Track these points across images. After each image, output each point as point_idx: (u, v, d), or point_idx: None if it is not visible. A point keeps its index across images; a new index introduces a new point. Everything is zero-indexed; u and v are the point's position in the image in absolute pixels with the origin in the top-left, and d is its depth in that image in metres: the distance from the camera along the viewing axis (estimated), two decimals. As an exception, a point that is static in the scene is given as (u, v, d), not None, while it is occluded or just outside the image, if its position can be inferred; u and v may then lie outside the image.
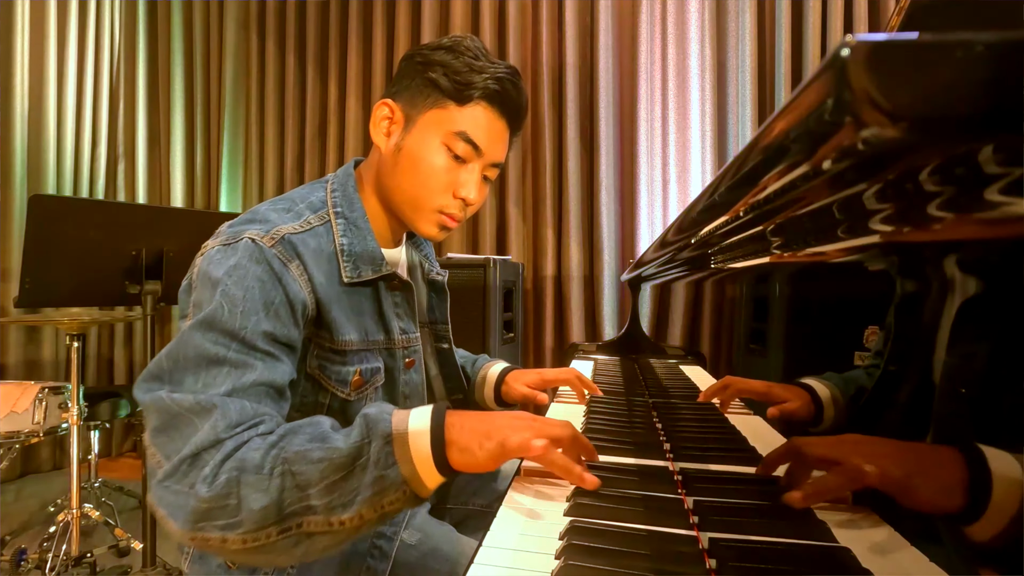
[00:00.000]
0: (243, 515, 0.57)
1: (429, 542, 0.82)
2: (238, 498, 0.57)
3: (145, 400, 0.64)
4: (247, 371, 0.65)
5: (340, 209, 0.81)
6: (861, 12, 2.14)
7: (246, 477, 0.58)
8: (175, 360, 0.65)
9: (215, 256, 0.71)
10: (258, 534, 0.57)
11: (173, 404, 0.62)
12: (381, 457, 0.57)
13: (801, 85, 0.32)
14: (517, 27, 2.51)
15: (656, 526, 0.52)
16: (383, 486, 0.57)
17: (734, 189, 0.53)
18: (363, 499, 0.57)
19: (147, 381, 0.65)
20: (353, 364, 0.79)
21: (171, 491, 0.59)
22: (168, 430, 0.62)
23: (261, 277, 0.69)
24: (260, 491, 0.57)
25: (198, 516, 0.57)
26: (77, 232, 1.47)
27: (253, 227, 0.73)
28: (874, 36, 0.26)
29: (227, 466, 0.58)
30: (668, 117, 2.36)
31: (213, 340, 0.65)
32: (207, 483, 0.58)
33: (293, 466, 0.57)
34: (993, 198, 0.30)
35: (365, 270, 0.80)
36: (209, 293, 0.68)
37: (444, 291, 1.04)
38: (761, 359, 0.80)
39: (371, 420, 0.60)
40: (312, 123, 2.86)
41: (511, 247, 2.51)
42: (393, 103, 0.82)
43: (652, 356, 1.49)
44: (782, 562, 0.44)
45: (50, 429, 1.93)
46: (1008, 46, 0.25)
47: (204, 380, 0.64)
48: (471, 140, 0.80)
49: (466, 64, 0.79)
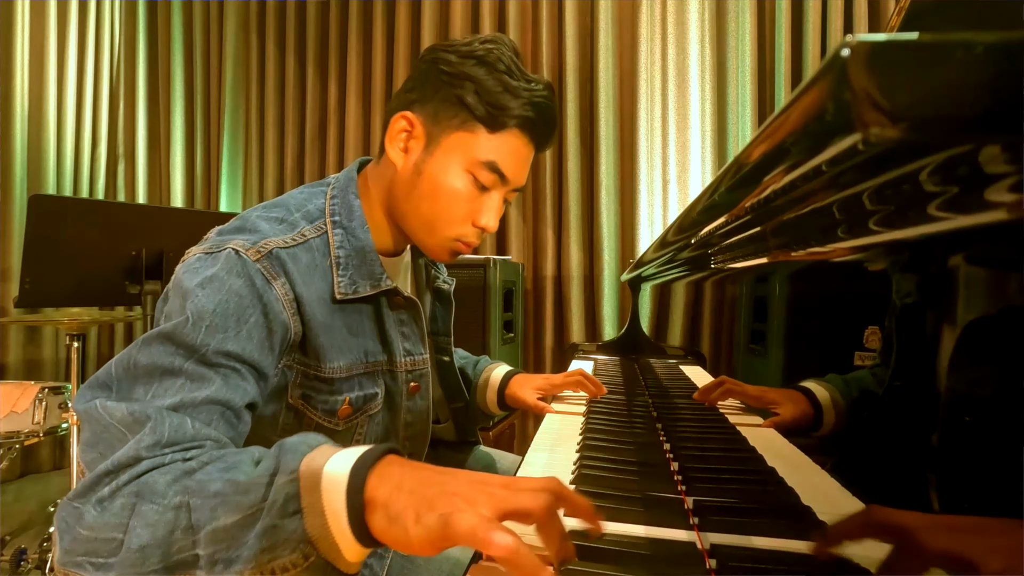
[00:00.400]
0: (121, 554, 0.46)
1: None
2: (125, 531, 0.47)
3: (79, 409, 0.56)
4: (202, 385, 0.57)
5: (338, 218, 0.74)
6: (861, 12, 2.14)
7: (141, 507, 0.47)
8: (126, 368, 0.58)
9: (193, 264, 0.65)
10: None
11: (105, 415, 0.54)
12: (280, 500, 0.43)
13: (801, 85, 0.32)
14: (517, 27, 2.51)
15: (656, 526, 0.52)
16: (275, 540, 0.42)
17: (734, 189, 0.53)
18: (249, 556, 0.43)
19: (91, 389, 0.58)
20: (343, 392, 0.73)
21: (69, 509, 0.50)
22: (97, 444, 0.53)
23: (239, 292, 0.63)
24: (149, 526, 0.46)
25: (77, 545, 0.48)
26: (77, 232, 1.47)
27: (240, 237, 0.67)
28: (874, 36, 0.26)
29: (127, 489, 0.49)
30: (668, 117, 2.36)
31: (171, 352, 0.58)
32: (100, 505, 0.48)
33: (192, 498, 0.46)
34: (993, 198, 0.30)
35: (363, 285, 0.73)
36: (179, 304, 0.61)
37: (450, 301, 0.97)
38: (761, 359, 0.80)
39: (284, 450, 0.46)
40: (312, 123, 2.86)
41: (511, 247, 2.51)
42: (414, 116, 0.74)
43: (652, 356, 1.49)
44: (782, 562, 0.44)
45: (50, 429, 1.93)
46: (1008, 46, 0.25)
47: (155, 392, 0.56)
48: (499, 170, 0.73)
49: (501, 83, 0.70)
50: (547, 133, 0.76)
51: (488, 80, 0.70)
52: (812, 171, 0.41)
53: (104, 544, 0.47)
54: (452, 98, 0.71)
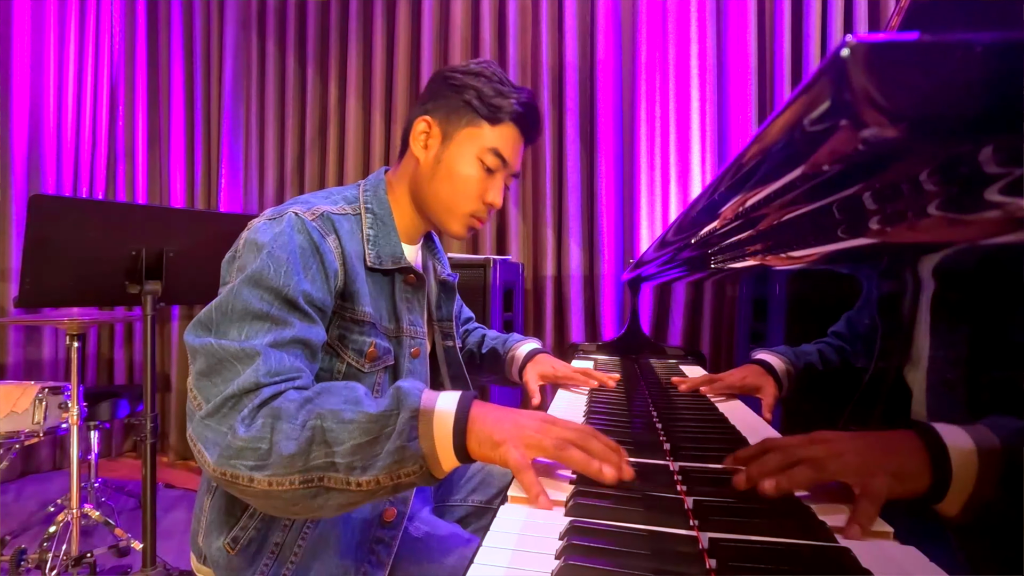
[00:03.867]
0: (272, 459, 0.62)
1: (434, 537, 0.84)
2: (270, 443, 0.62)
3: (194, 344, 0.70)
4: (286, 327, 0.72)
5: (370, 206, 0.91)
6: (861, 12, 2.14)
7: (279, 424, 0.63)
8: (223, 312, 0.71)
9: (261, 227, 0.79)
10: (282, 479, 0.62)
11: (220, 349, 0.68)
12: (406, 429, 0.62)
13: (801, 85, 0.32)
14: (517, 27, 2.51)
15: (656, 526, 0.52)
16: (403, 456, 0.61)
17: (734, 189, 0.53)
18: (383, 465, 0.61)
19: (196, 328, 0.72)
20: (370, 336, 0.85)
21: (210, 428, 0.65)
22: (211, 374, 0.68)
23: (302, 245, 0.78)
24: (291, 439, 0.62)
25: (232, 453, 0.63)
26: (77, 232, 1.47)
27: (296, 205, 0.83)
28: (874, 36, 0.26)
29: (264, 411, 0.64)
30: (668, 117, 2.36)
31: (259, 296, 0.72)
32: (245, 424, 0.64)
33: (324, 422, 0.63)
34: (993, 198, 0.30)
35: (386, 260, 0.88)
36: (254, 255, 0.75)
37: (453, 291, 1.10)
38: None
39: (403, 393, 0.65)
40: (312, 123, 2.86)
41: (511, 247, 2.51)
42: (431, 119, 0.92)
43: (652, 356, 1.49)
44: (782, 562, 0.44)
45: (50, 429, 1.93)
46: (1008, 46, 0.25)
47: (247, 332, 0.70)
48: (501, 155, 0.91)
49: (494, 89, 0.90)
50: (534, 126, 0.95)
51: (486, 88, 0.90)
52: (812, 171, 0.41)
53: (253, 452, 0.62)
54: (460, 103, 0.91)
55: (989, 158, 0.29)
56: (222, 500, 0.83)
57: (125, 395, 2.34)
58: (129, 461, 3.05)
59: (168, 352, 3.03)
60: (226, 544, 0.80)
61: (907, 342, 0.45)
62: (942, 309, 0.41)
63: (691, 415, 0.91)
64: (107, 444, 3.07)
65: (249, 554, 0.80)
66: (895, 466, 0.44)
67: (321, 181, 2.84)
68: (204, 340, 0.70)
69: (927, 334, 0.43)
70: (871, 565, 0.42)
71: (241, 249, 0.79)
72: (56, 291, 1.50)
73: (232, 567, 0.80)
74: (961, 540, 0.38)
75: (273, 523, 0.81)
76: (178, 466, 2.92)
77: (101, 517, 1.98)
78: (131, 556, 2.01)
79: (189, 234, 1.62)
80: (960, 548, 0.38)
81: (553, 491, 0.60)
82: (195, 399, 0.68)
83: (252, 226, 0.82)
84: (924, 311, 0.43)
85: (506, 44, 2.52)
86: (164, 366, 3.04)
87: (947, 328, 0.40)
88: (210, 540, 0.82)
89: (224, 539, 0.81)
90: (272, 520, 0.81)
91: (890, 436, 0.45)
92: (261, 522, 0.81)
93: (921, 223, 0.40)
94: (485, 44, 2.54)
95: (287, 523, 0.81)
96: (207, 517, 0.84)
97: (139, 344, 3.11)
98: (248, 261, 0.75)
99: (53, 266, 1.45)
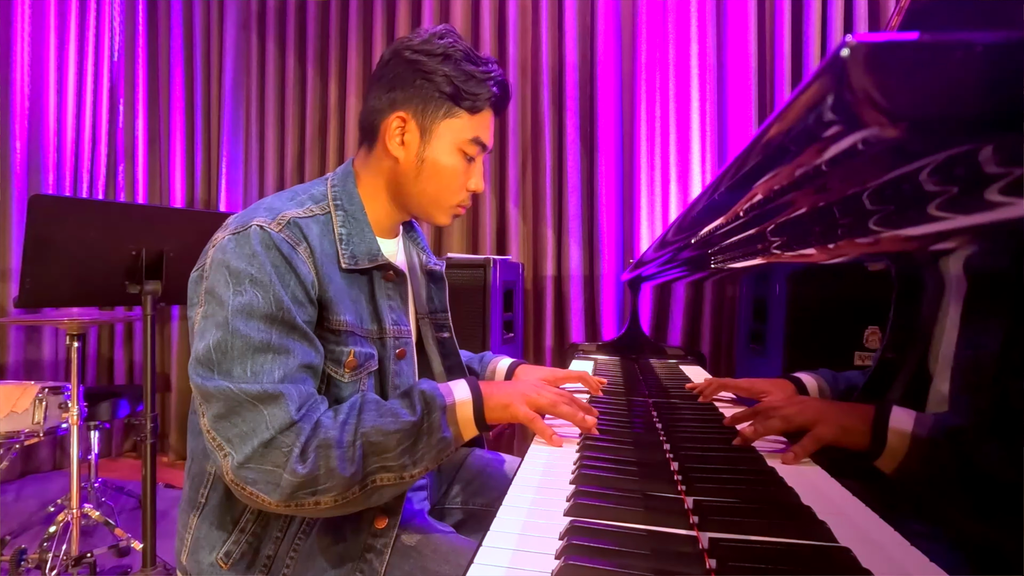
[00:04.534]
0: (333, 482, 0.69)
1: (429, 543, 0.82)
2: (327, 469, 0.69)
3: (207, 388, 0.70)
4: (289, 357, 0.73)
5: (340, 202, 0.86)
6: (861, 12, 2.14)
7: (331, 453, 0.69)
8: (223, 351, 0.71)
9: (228, 246, 0.76)
10: (346, 494, 0.70)
11: (238, 392, 0.69)
12: (440, 424, 0.74)
13: (801, 85, 0.32)
14: (517, 27, 2.51)
15: (656, 526, 0.52)
16: (444, 445, 0.74)
17: (734, 189, 0.53)
18: (430, 456, 0.74)
19: (199, 368, 0.72)
20: (348, 345, 0.82)
21: (252, 471, 0.69)
22: (231, 416, 0.70)
23: (274, 262, 0.75)
24: (347, 461, 0.70)
25: (295, 487, 0.68)
26: (77, 232, 1.47)
27: (259, 214, 0.79)
28: (874, 36, 0.26)
29: (312, 445, 0.70)
30: (668, 117, 2.36)
31: (256, 328, 0.72)
32: (301, 461, 0.68)
33: (371, 438, 0.71)
34: (993, 198, 0.30)
35: (362, 259, 0.84)
36: (234, 282, 0.73)
37: (442, 279, 1.07)
38: (761, 359, 0.80)
39: (427, 396, 0.76)
40: (312, 123, 2.86)
41: (511, 247, 2.51)
42: (405, 115, 0.86)
43: (652, 356, 1.49)
44: (782, 562, 0.44)
45: (50, 429, 1.93)
46: (1008, 46, 0.25)
47: (252, 367, 0.71)
48: (481, 142, 0.89)
49: (469, 74, 0.85)
50: (506, 101, 0.93)
51: (458, 74, 0.85)
52: (812, 171, 0.41)
53: (314, 482, 0.69)
54: (434, 93, 0.85)
55: (989, 158, 0.29)
56: (212, 516, 0.81)
57: (125, 395, 2.34)
58: (129, 461, 3.05)
59: (168, 352, 3.03)
60: (219, 559, 0.79)
61: (913, 342, 0.45)
62: (941, 309, 0.41)
63: (691, 415, 0.91)
64: (107, 444, 3.07)
65: (242, 568, 0.79)
66: (845, 424, 0.58)
67: (321, 181, 2.84)
68: (217, 384, 0.70)
69: (930, 334, 0.43)
70: (871, 565, 0.42)
71: (208, 269, 0.76)
72: (56, 291, 1.49)
73: None
74: (961, 540, 0.38)
75: (265, 535, 0.80)
76: (178, 466, 2.92)
77: (101, 517, 1.98)
78: (131, 556, 2.00)
79: (189, 234, 1.62)
80: (960, 548, 0.38)
81: (553, 490, 0.60)
82: (214, 440, 0.71)
83: (217, 243, 0.78)
84: (926, 311, 0.43)
85: (506, 44, 2.52)
86: (164, 366, 3.04)
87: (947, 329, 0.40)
88: (198, 557, 0.81)
89: (216, 554, 0.80)
90: (264, 532, 0.80)
91: (852, 406, 0.56)
92: (253, 536, 0.80)
93: (921, 223, 0.40)
94: (485, 44, 2.54)
95: (279, 535, 0.80)
96: (192, 535, 0.82)
97: (139, 344, 3.11)
98: (221, 288, 0.73)
99: (53, 266, 1.45)
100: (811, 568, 0.43)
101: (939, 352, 0.41)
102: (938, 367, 0.41)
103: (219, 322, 0.72)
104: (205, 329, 0.73)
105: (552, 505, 0.59)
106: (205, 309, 0.74)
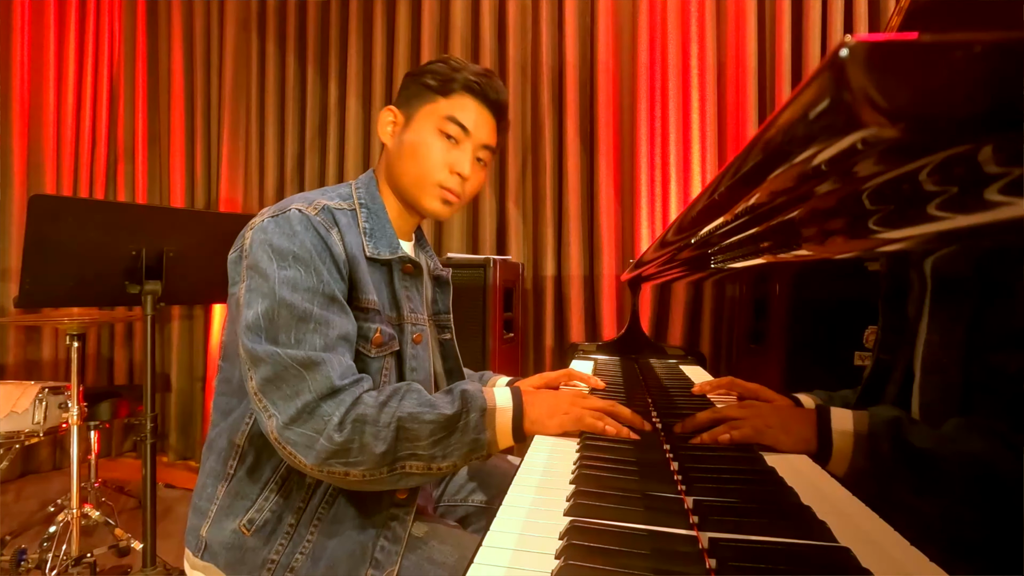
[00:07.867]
0: (364, 457, 0.74)
1: (436, 535, 0.86)
2: (360, 444, 0.74)
3: (258, 351, 0.76)
4: (329, 328, 0.78)
5: (364, 201, 0.95)
6: (861, 12, 2.14)
7: (367, 428, 0.74)
8: (270, 319, 0.77)
9: (269, 227, 0.82)
10: (374, 472, 0.75)
11: (286, 357, 0.75)
12: (476, 424, 0.77)
13: (800, 85, 0.32)
14: (517, 27, 2.51)
15: (656, 526, 0.52)
16: (476, 446, 0.77)
17: (734, 189, 0.53)
18: (460, 454, 0.77)
19: (251, 335, 0.77)
20: (375, 323, 0.88)
21: (297, 433, 0.74)
22: (278, 380, 0.75)
23: (313, 241, 0.82)
24: (380, 440, 0.74)
25: (329, 455, 0.73)
26: (77, 232, 1.47)
27: (295, 202, 0.86)
28: (874, 36, 0.26)
29: (351, 417, 0.74)
30: (668, 117, 2.36)
31: (300, 298, 0.78)
32: (338, 430, 0.73)
33: (406, 423, 0.75)
34: (993, 198, 0.30)
35: (383, 251, 0.91)
36: (278, 258, 0.79)
37: (447, 284, 1.12)
38: (761, 359, 0.80)
39: (469, 396, 0.79)
40: (312, 123, 2.86)
41: (511, 247, 2.51)
42: (395, 108, 0.98)
43: (652, 356, 1.49)
44: (782, 562, 0.44)
45: (50, 429, 1.93)
46: (1008, 46, 0.25)
47: (296, 336, 0.76)
48: (459, 122, 0.93)
49: (449, 67, 0.95)
50: (494, 99, 0.96)
51: (440, 68, 0.95)
52: (811, 171, 0.41)
53: (346, 453, 0.74)
54: (419, 87, 0.95)
55: (989, 158, 0.29)
56: (238, 485, 0.85)
57: (125, 395, 2.34)
58: (129, 461, 3.05)
59: (168, 352, 3.02)
60: (241, 526, 0.83)
61: (908, 342, 0.45)
62: (941, 310, 0.41)
63: (691, 415, 0.91)
64: (107, 444, 3.07)
65: (264, 534, 0.82)
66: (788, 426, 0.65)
67: (321, 181, 2.84)
68: (266, 348, 0.75)
69: (925, 335, 0.43)
70: (871, 565, 0.42)
71: (249, 248, 0.82)
72: (56, 291, 1.50)
73: (246, 549, 0.82)
74: (961, 540, 0.38)
75: (287, 505, 0.84)
76: (178, 466, 2.92)
77: (101, 517, 1.98)
78: (131, 556, 2.01)
79: (189, 234, 1.62)
80: (960, 548, 0.38)
81: (552, 490, 0.60)
82: (260, 403, 0.76)
83: (257, 225, 0.84)
84: (924, 312, 0.43)
85: (506, 44, 2.52)
86: (164, 366, 3.04)
87: (946, 329, 0.40)
88: (221, 526, 0.84)
89: (240, 521, 0.83)
90: (286, 503, 0.84)
91: (799, 410, 0.62)
92: (276, 504, 0.84)
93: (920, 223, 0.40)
94: (485, 44, 2.54)
95: (301, 504, 0.84)
96: (218, 504, 0.86)
97: (139, 344, 3.11)
98: (265, 263, 0.79)
99: (53, 266, 1.45)
100: (811, 568, 0.43)
101: (938, 352, 0.41)
102: (937, 367, 0.41)
103: (265, 292, 0.77)
104: (252, 300, 0.78)
105: (552, 505, 0.59)
106: (249, 283, 0.80)
